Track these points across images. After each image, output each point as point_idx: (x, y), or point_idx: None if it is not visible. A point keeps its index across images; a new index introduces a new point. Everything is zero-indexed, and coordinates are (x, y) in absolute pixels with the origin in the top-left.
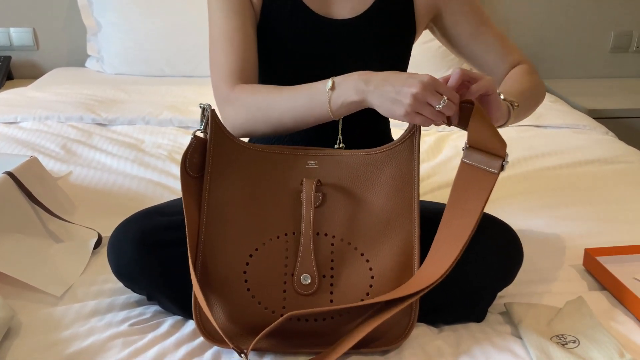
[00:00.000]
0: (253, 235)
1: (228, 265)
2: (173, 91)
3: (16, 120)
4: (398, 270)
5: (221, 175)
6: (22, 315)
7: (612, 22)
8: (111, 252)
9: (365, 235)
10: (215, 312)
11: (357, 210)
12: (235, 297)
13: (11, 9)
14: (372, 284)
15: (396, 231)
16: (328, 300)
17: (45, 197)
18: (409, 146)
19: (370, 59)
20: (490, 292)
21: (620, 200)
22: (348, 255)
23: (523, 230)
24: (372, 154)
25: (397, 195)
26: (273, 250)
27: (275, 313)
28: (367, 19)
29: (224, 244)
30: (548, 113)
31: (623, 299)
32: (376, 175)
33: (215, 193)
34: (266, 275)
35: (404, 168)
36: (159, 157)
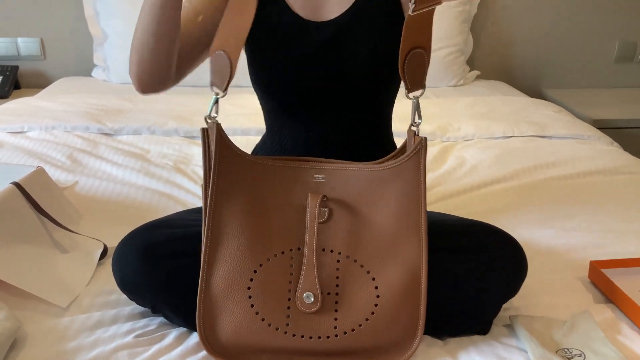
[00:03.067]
0: (258, 250)
1: (232, 280)
2: (179, 101)
3: (23, 130)
4: (404, 290)
5: (226, 191)
6: (28, 326)
7: (616, 32)
8: (116, 264)
9: (371, 253)
10: (219, 327)
11: (364, 227)
12: (239, 312)
13: (19, 19)
14: (377, 303)
15: (403, 252)
16: (332, 318)
17: (52, 208)
18: (415, 163)
19: (362, 51)
20: (495, 304)
21: (625, 212)
22: (354, 273)
23: (528, 242)
24: (379, 169)
25: (404, 215)
26: (278, 266)
27: (279, 330)
28: (352, 14)
29: (228, 260)
30: (553, 123)
31: (629, 312)
32: (383, 193)
33: (220, 209)
34: (270, 291)
35: (410, 187)
36: (164, 167)
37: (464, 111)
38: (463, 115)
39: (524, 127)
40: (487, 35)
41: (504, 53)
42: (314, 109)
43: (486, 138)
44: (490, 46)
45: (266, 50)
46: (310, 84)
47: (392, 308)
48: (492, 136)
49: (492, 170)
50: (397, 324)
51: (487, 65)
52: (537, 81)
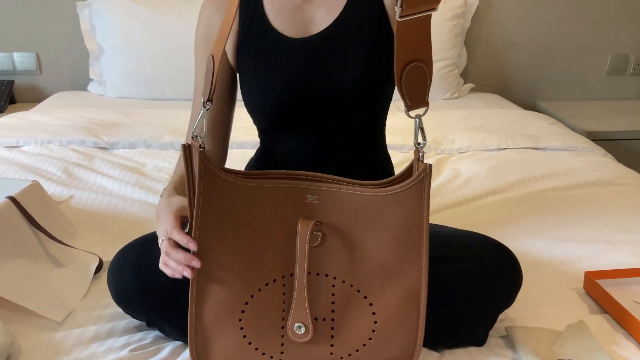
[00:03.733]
0: (249, 281)
1: (222, 312)
2: (174, 114)
3: (18, 144)
4: (402, 312)
5: (213, 221)
6: (23, 340)
7: (608, 46)
8: (111, 278)
9: (368, 278)
10: (212, 354)
11: (360, 252)
12: (231, 342)
13: (15, 34)
14: (374, 329)
15: (402, 275)
16: (328, 345)
17: (47, 222)
18: (418, 191)
19: (349, 63)
20: (491, 315)
21: (620, 222)
22: (350, 298)
23: (523, 253)
24: (377, 195)
25: (403, 241)
26: (270, 295)
27: (273, 358)
28: (337, 27)
29: (217, 293)
30: (547, 135)
31: (624, 322)
32: (381, 219)
33: (206, 242)
34: (263, 321)
35: (412, 215)
36: (160, 180)
37: (458, 124)
38: (457, 128)
39: (518, 139)
40: (481, 49)
41: (498, 66)
42: (305, 124)
43: (481, 150)
44: (484, 59)
45: (252, 74)
46: (298, 101)
47: (389, 331)
48: (487, 148)
49: (487, 182)
50: (394, 345)
51: (481, 78)
52: (531, 94)
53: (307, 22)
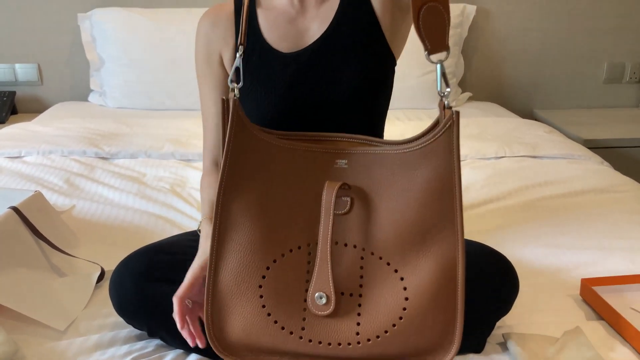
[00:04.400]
0: (271, 245)
1: (242, 278)
2: (174, 124)
3: (20, 155)
4: (436, 289)
5: (238, 176)
6: (26, 349)
7: (605, 54)
8: (113, 288)
9: (398, 249)
10: (228, 326)
11: (390, 219)
12: (249, 313)
13: (16, 45)
14: (405, 307)
15: (436, 247)
16: (354, 323)
17: (49, 232)
18: (446, 142)
19: (343, 70)
20: (488, 322)
21: (616, 230)
22: (379, 271)
23: (520, 260)
24: (406, 151)
25: (435, 202)
26: (293, 263)
27: (293, 334)
28: (328, 37)
29: (238, 254)
30: (544, 143)
31: (620, 329)
32: (411, 179)
33: (231, 196)
34: (284, 291)
35: (442, 170)
36: (160, 190)
37: None
38: None
39: (516, 147)
40: (478, 58)
41: (495, 75)
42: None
43: (478, 159)
44: (482, 68)
45: (247, 90)
46: (294, 113)
47: (423, 311)
48: (484, 157)
49: (485, 190)
50: (428, 329)
51: (479, 87)
52: (528, 102)
53: (301, 34)
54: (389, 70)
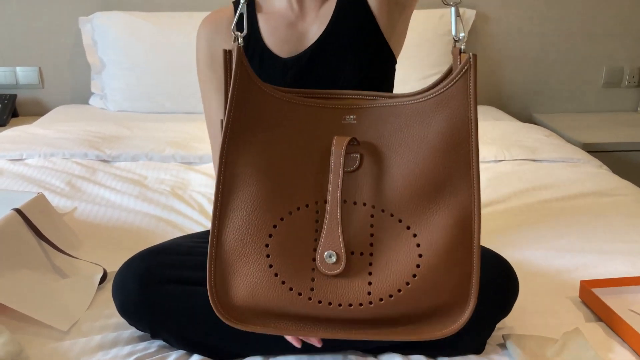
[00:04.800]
0: (278, 202)
1: (247, 236)
2: (175, 128)
3: (22, 157)
4: (451, 245)
5: (243, 130)
6: (30, 349)
7: (604, 59)
8: (116, 290)
9: (411, 205)
10: (233, 288)
11: (402, 174)
12: (255, 274)
13: (18, 48)
14: (419, 264)
15: (450, 199)
16: (365, 282)
17: (52, 233)
18: (462, 89)
19: (342, 69)
20: (488, 324)
21: (615, 232)
22: (391, 229)
23: (519, 263)
24: (420, 101)
25: (450, 153)
26: (301, 221)
27: (302, 295)
28: (326, 38)
29: (243, 211)
30: (543, 147)
31: (619, 330)
32: (424, 129)
33: (235, 151)
34: (292, 250)
35: (458, 119)
36: (162, 192)
37: None
38: None
39: (515, 151)
40: (477, 62)
41: (494, 79)
42: None
43: None
44: (481, 72)
45: None
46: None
47: (438, 268)
48: (484, 160)
49: (484, 193)
50: (444, 286)
51: (479, 91)
52: (527, 106)
53: (301, 38)
54: (388, 67)
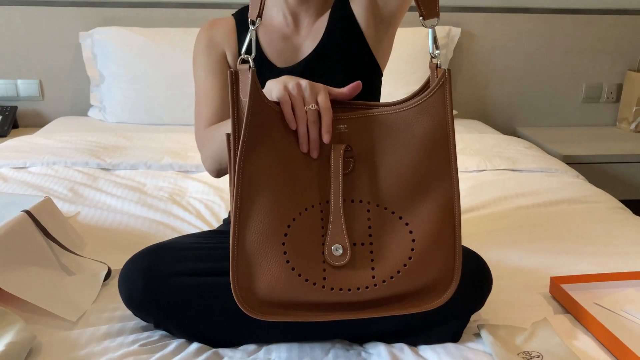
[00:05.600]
0: (289, 205)
1: (266, 236)
2: (172, 138)
3: (25, 165)
4: (437, 227)
5: (256, 145)
6: (42, 337)
7: (583, 75)
8: (122, 283)
9: (401, 198)
10: (255, 284)
11: (391, 172)
12: (275, 269)
13: (19, 61)
14: (413, 248)
15: (435, 191)
16: (369, 269)
17: (59, 234)
18: (440, 98)
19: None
20: (464, 315)
21: (585, 236)
22: (386, 221)
23: (497, 262)
24: (404, 110)
25: (432, 153)
26: (310, 220)
27: (316, 285)
28: (318, 51)
29: (261, 215)
30: (523, 158)
31: (584, 321)
32: (408, 134)
33: (250, 163)
34: (305, 246)
35: (438, 123)
36: (160, 198)
37: None
38: None
39: (497, 161)
40: (463, 78)
41: (479, 94)
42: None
43: (461, 172)
44: (466, 88)
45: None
46: None
47: (428, 249)
48: (467, 170)
49: (467, 200)
50: (433, 265)
51: (464, 106)
52: (511, 120)
53: (296, 50)
54: (375, 79)
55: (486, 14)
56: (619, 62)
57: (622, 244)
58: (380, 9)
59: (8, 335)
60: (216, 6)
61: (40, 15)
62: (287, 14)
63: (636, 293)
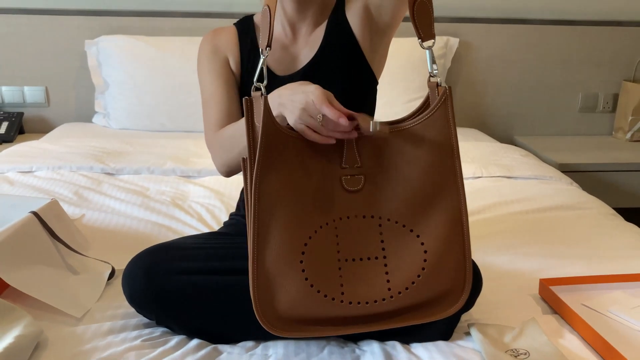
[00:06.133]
0: (306, 223)
1: (285, 255)
2: (175, 144)
3: (31, 170)
4: (448, 237)
5: (270, 169)
6: (49, 332)
7: (580, 85)
8: (125, 282)
9: (412, 212)
10: (275, 302)
11: (401, 187)
12: (295, 287)
13: (26, 69)
14: (426, 259)
15: (443, 203)
16: (384, 281)
17: (65, 235)
18: (444, 114)
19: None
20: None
21: (576, 240)
22: (398, 235)
23: (488, 265)
24: (410, 126)
25: (439, 167)
26: (325, 237)
27: (335, 300)
28: (316, 61)
29: (279, 235)
30: (519, 166)
31: (571, 321)
32: (415, 149)
33: (265, 185)
34: (322, 262)
35: (442, 137)
36: (163, 202)
37: None
38: None
39: (493, 168)
40: (461, 87)
41: (477, 103)
42: None
43: None
44: (464, 97)
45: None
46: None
47: (439, 259)
48: (463, 177)
49: None
50: (445, 274)
51: (462, 114)
52: (509, 129)
53: (294, 59)
54: (370, 88)
55: (484, 24)
56: (615, 73)
57: (611, 248)
58: (375, 20)
59: (17, 329)
60: (220, 16)
61: (47, 24)
62: (286, 24)
63: (622, 295)
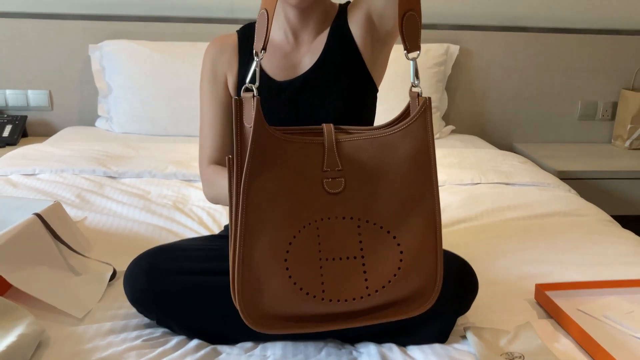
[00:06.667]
0: (290, 224)
1: (270, 255)
2: (176, 148)
3: (34, 172)
4: (423, 243)
5: (259, 170)
6: (50, 331)
7: (579, 93)
8: (127, 283)
9: (389, 215)
10: (259, 299)
11: (379, 190)
12: (279, 285)
13: (30, 72)
14: (402, 259)
15: (419, 208)
16: (362, 279)
17: (67, 236)
18: (422, 123)
19: (330, 97)
20: (450, 316)
21: (572, 246)
22: (376, 236)
23: (485, 270)
24: (388, 134)
25: (416, 172)
26: (308, 237)
27: (316, 297)
28: (317, 67)
29: (265, 234)
30: (517, 172)
31: (566, 325)
32: (394, 155)
33: (255, 185)
34: (305, 261)
35: (420, 145)
36: (164, 205)
37: (437, 161)
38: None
39: (491, 175)
40: (461, 94)
41: (477, 110)
42: None
43: (456, 184)
44: (464, 103)
45: None
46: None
47: (414, 260)
48: (462, 183)
49: (460, 211)
50: (419, 273)
51: (462, 121)
52: (508, 136)
53: (295, 66)
54: (370, 95)
55: (484, 32)
56: (614, 81)
57: (607, 254)
58: (377, 28)
59: (19, 328)
60: (222, 21)
61: (51, 28)
62: (288, 31)
63: (617, 300)
